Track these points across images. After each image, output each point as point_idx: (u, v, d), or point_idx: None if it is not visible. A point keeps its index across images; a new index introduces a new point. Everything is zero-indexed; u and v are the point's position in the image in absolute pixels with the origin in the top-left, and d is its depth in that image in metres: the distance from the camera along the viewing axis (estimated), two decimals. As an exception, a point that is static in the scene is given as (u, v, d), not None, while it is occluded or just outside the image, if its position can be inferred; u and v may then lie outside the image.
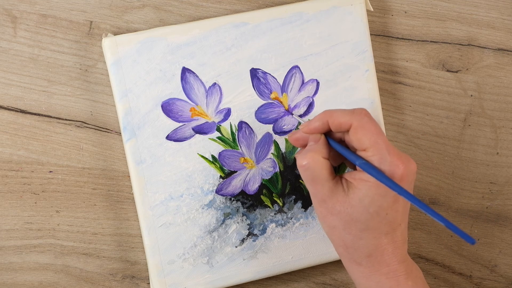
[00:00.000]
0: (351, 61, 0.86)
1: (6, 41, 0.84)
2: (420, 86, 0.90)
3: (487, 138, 0.91)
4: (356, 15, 0.86)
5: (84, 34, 0.85)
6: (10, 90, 0.84)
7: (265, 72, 0.85)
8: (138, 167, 0.83)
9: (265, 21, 0.85)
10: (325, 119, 0.77)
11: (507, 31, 0.91)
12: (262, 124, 0.85)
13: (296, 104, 0.86)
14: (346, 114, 0.76)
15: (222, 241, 0.85)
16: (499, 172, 0.91)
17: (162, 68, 0.83)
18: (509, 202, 0.92)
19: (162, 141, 0.84)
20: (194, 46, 0.84)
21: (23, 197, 0.85)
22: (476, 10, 0.90)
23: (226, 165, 0.85)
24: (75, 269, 0.86)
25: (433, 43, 0.90)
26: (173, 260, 0.84)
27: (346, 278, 0.90)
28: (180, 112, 0.84)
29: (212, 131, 0.85)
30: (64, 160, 0.85)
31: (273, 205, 0.86)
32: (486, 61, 0.91)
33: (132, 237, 0.86)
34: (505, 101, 0.91)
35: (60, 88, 0.85)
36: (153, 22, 0.85)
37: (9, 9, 0.84)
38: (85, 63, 0.85)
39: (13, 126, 0.84)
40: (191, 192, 0.84)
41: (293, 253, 0.86)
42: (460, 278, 0.91)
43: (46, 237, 0.85)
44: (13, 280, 0.85)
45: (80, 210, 0.85)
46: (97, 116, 0.85)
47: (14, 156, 0.84)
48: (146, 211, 0.83)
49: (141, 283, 0.87)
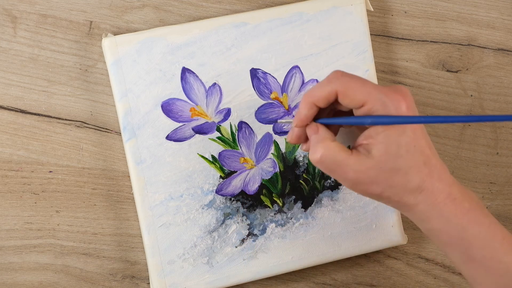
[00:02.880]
0: (351, 61, 0.86)
1: (6, 41, 0.84)
2: (420, 86, 0.90)
3: (487, 138, 0.91)
4: (356, 15, 0.86)
5: (84, 34, 0.85)
6: (10, 90, 0.84)
7: (265, 72, 0.85)
8: (138, 167, 0.83)
9: (265, 21, 0.85)
10: (309, 102, 0.75)
11: (507, 31, 0.91)
12: (262, 124, 0.85)
13: (296, 104, 0.86)
14: (325, 85, 0.74)
15: (222, 241, 0.85)
16: (499, 172, 0.91)
17: (162, 68, 0.83)
18: (509, 202, 0.92)
19: (162, 141, 0.84)
20: (194, 46, 0.84)
21: (23, 197, 0.85)
22: (476, 10, 0.90)
23: (226, 165, 0.85)
24: (75, 269, 0.86)
25: (433, 43, 0.90)
26: (173, 260, 0.84)
27: (346, 278, 0.90)
28: (180, 112, 0.84)
29: (212, 131, 0.85)
30: (64, 160, 0.85)
31: (273, 205, 0.86)
32: (486, 61, 0.91)
33: (132, 237, 0.86)
34: (505, 101, 0.91)
35: (60, 88, 0.85)
36: (153, 22, 0.85)
37: (9, 9, 0.84)
38: (85, 63, 0.85)
39: (13, 126, 0.84)
40: (191, 192, 0.84)
41: (293, 253, 0.86)
42: (460, 278, 0.91)
43: (46, 237, 0.85)
44: (13, 280, 0.85)
45: (80, 210, 0.85)
46: (97, 116, 0.85)
47: (14, 156, 0.84)
48: (146, 211, 0.84)
49: (141, 283, 0.87)
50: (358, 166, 0.74)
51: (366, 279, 0.90)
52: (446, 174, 0.75)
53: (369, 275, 0.90)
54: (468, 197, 0.75)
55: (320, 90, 0.74)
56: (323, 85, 0.74)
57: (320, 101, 0.74)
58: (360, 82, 0.74)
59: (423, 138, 0.75)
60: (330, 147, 0.74)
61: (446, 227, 0.75)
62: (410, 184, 0.74)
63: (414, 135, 0.74)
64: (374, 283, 0.90)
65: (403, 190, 0.74)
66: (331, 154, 0.74)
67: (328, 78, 0.74)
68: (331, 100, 0.74)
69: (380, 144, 0.73)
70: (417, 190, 0.74)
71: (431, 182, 0.74)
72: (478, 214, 0.75)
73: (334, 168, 0.74)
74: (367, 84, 0.74)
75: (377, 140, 0.73)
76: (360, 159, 0.74)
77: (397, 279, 0.90)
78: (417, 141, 0.74)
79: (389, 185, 0.74)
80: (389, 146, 0.73)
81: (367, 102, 0.73)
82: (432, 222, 0.75)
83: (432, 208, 0.75)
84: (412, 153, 0.74)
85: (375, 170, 0.74)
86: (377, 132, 0.73)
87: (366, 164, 0.74)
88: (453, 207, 0.74)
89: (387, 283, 0.90)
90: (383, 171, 0.74)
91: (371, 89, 0.73)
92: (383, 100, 0.73)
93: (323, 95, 0.74)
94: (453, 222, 0.74)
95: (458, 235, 0.74)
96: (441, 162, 0.75)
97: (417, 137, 0.74)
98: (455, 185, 0.75)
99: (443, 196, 0.74)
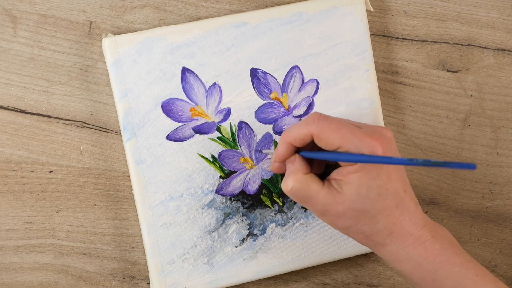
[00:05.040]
0: (351, 61, 0.86)
1: (6, 41, 0.84)
2: (420, 86, 0.90)
3: (487, 138, 0.91)
4: (356, 15, 0.86)
5: (84, 34, 0.85)
6: (10, 90, 0.84)
7: (265, 72, 0.85)
8: (138, 167, 0.83)
9: (265, 21, 0.85)
10: (286, 142, 0.77)
11: (507, 31, 0.91)
12: (262, 124, 0.85)
13: (296, 104, 0.86)
14: (302, 127, 0.76)
15: (222, 241, 0.85)
16: (499, 172, 0.91)
17: (162, 68, 0.83)
18: (509, 202, 0.92)
19: (162, 141, 0.84)
20: (194, 46, 0.84)
21: (23, 197, 0.85)
22: (476, 10, 0.90)
23: (226, 165, 0.85)
24: (75, 269, 0.86)
25: (433, 43, 0.90)
26: (173, 260, 0.84)
27: (346, 278, 0.90)
28: (180, 112, 0.84)
29: (212, 131, 0.85)
30: (64, 160, 0.85)
31: (273, 205, 0.86)
32: (486, 61, 0.91)
33: (132, 237, 0.86)
34: (505, 101, 0.91)
35: (60, 88, 0.85)
36: (153, 22, 0.85)
37: (9, 9, 0.84)
38: (85, 63, 0.85)
39: (13, 126, 0.84)
40: (191, 192, 0.84)
41: (293, 253, 0.86)
42: (460, 278, 0.91)
43: (46, 237, 0.85)
44: (13, 280, 0.85)
45: (80, 210, 0.85)
46: (97, 116, 0.85)
47: (14, 156, 0.84)
48: (146, 211, 0.83)
49: (141, 283, 0.87)
50: (327, 200, 0.75)
51: (366, 279, 0.90)
52: (418, 216, 0.76)
53: (369, 275, 0.90)
54: (439, 237, 0.75)
55: (296, 131, 0.76)
56: (301, 126, 0.76)
57: (297, 141, 0.76)
58: (335, 126, 0.75)
59: (398, 180, 0.75)
60: (301, 179, 0.76)
61: (418, 270, 0.75)
62: (378, 225, 0.75)
63: (388, 178, 0.75)
64: (374, 283, 0.90)
65: (370, 230, 0.76)
66: (300, 187, 0.76)
67: (306, 120, 0.76)
68: (307, 141, 0.76)
69: (351, 184, 0.74)
70: (385, 231, 0.75)
71: (401, 225, 0.75)
72: (449, 254, 0.75)
73: (303, 199, 0.76)
74: (342, 128, 0.74)
75: (349, 179, 0.75)
76: (330, 193, 0.75)
77: (397, 279, 0.90)
78: (391, 184, 0.75)
79: (356, 222, 0.75)
80: (360, 187, 0.74)
81: (341, 146, 0.74)
82: (403, 264, 0.76)
83: (402, 250, 0.75)
84: (384, 196, 0.74)
85: (344, 206, 0.75)
86: (349, 171, 0.75)
87: (336, 199, 0.75)
88: (423, 250, 0.75)
89: (387, 283, 0.90)
90: (351, 209, 0.75)
91: (345, 134, 0.74)
92: (356, 145, 0.74)
93: (300, 137, 0.76)
94: (424, 265, 0.75)
95: (431, 276, 0.75)
96: (415, 203, 0.76)
97: (392, 180, 0.75)
98: (427, 226, 0.75)
99: (412, 240, 0.75)
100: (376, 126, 0.77)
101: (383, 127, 0.77)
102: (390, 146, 0.75)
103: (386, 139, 0.75)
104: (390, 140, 0.75)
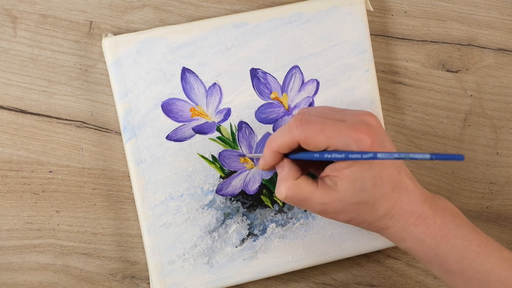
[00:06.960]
0: (351, 61, 0.86)
1: (6, 41, 0.84)
2: (420, 86, 0.90)
3: (487, 138, 0.91)
4: (356, 15, 0.86)
5: (84, 34, 0.85)
6: (10, 90, 0.84)
7: (265, 72, 0.85)
8: (138, 167, 0.83)
9: (265, 21, 0.85)
10: (272, 151, 0.76)
11: (507, 31, 0.91)
12: (262, 124, 0.85)
13: (296, 104, 0.86)
14: (286, 135, 0.75)
15: (222, 241, 0.85)
16: (499, 172, 0.91)
17: (162, 68, 0.83)
18: (509, 202, 0.92)
19: (162, 141, 0.84)
20: (194, 46, 0.84)
21: (23, 197, 0.85)
22: (476, 10, 0.90)
23: (226, 165, 0.85)
24: (75, 269, 0.86)
25: (433, 43, 0.90)
26: (173, 260, 0.84)
27: (346, 278, 0.90)
28: (180, 112, 0.84)
29: (212, 131, 0.85)
30: (64, 160, 0.85)
31: (273, 205, 0.86)
32: (486, 61, 0.91)
33: (132, 237, 0.86)
34: (505, 101, 0.91)
35: (60, 88, 0.85)
36: (153, 22, 0.85)
37: (9, 9, 0.84)
38: (85, 63, 0.85)
39: (13, 126, 0.84)
40: (191, 192, 0.84)
41: (293, 253, 0.86)
42: (460, 278, 0.91)
43: (46, 237, 0.85)
44: (13, 280, 0.85)
45: (80, 210, 0.85)
46: (97, 116, 0.85)
47: (14, 156, 0.84)
48: (146, 211, 0.83)
49: (141, 283, 0.87)
50: (323, 199, 0.75)
51: (366, 279, 0.90)
52: (417, 193, 0.76)
53: (369, 275, 0.90)
54: (440, 210, 0.75)
55: (281, 139, 0.75)
56: (284, 133, 0.75)
57: (283, 149, 0.76)
58: (319, 127, 0.74)
59: (390, 164, 0.75)
60: (292, 186, 0.76)
61: (421, 247, 0.75)
62: (378, 212, 0.75)
63: (381, 166, 0.74)
64: (374, 283, 0.90)
65: (371, 218, 0.76)
66: (294, 193, 0.76)
67: (289, 127, 0.75)
68: (294, 147, 0.76)
69: (345, 180, 0.74)
70: (386, 216, 0.75)
71: (400, 206, 0.75)
72: (451, 227, 0.75)
73: (300, 203, 0.76)
74: (326, 128, 0.74)
75: (343, 175, 0.74)
76: (325, 192, 0.75)
77: (397, 279, 0.90)
78: (384, 171, 0.75)
79: (357, 214, 0.76)
80: (355, 182, 0.74)
81: (329, 145, 0.74)
82: (406, 242, 0.76)
83: (404, 230, 0.75)
84: (380, 185, 0.74)
85: (341, 202, 0.75)
86: (342, 166, 0.74)
87: (332, 196, 0.75)
88: (425, 227, 0.75)
89: (387, 283, 0.90)
90: (349, 204, 0.75)
91: (331, 133, 0.74)
92: (344, 142, 0.73)
93: (285, 145, 0.76)
94: (426, 241, 0.75)
95: (433, 252, 0.75)
96: (411, 179, 0.76)
97: (385, 167, 0.75)
98: (427, 202, 0.75)
99: (414, 218, 0.75)
100: (360, 113, 0.75)
101: (366, 113, 0.75)
102: (377, 135, 0.74)
103: (372, 128, 0.74)
104: (376, 128, 0.75)
